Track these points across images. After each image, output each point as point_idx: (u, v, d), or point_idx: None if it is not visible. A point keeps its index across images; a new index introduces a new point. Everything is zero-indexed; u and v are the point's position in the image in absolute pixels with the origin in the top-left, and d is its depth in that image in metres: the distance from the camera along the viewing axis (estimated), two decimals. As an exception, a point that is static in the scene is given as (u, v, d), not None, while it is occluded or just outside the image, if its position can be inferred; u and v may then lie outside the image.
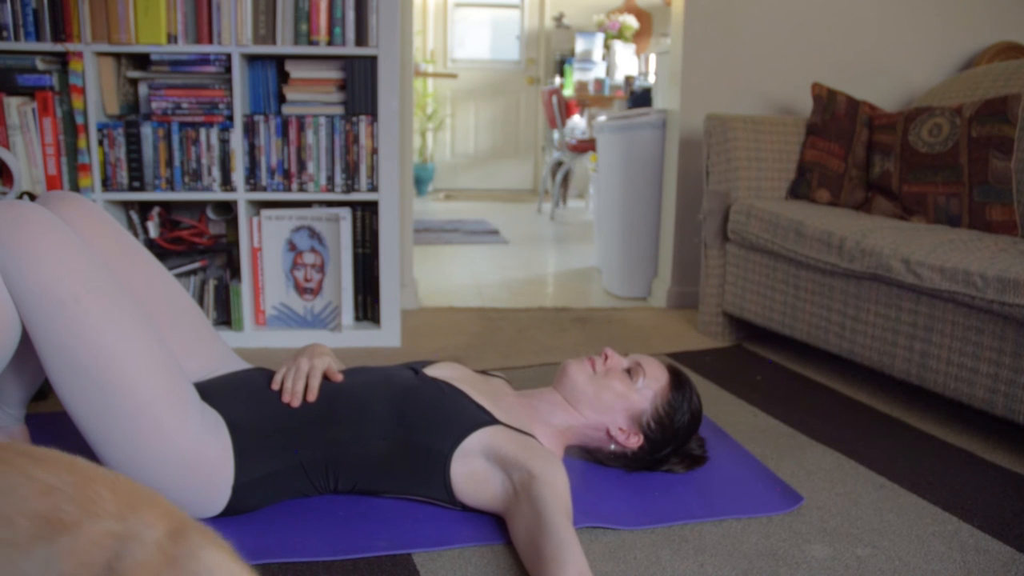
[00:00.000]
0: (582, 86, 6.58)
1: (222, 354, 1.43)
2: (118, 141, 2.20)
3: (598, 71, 6.75)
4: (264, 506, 1.29)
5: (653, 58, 6.17)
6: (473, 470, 1.26)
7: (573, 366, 1.46)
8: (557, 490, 1.17)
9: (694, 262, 2.91)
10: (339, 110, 2.28)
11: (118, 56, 2.24)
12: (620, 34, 6.94)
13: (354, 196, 2.28)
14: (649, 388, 1.43)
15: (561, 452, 1.45)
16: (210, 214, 2.38)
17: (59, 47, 2.12)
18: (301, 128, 2.24)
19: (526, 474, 1.20)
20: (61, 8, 2.10)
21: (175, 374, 1.18)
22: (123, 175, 2.21)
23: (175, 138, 2.20)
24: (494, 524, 1.27)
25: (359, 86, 2.24)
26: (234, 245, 2.38)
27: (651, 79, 5.96)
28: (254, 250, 2.31)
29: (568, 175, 6.13)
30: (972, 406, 1.69)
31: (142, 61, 2.27)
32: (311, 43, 2.20)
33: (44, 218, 1.13)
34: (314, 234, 2.34)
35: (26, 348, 1.24)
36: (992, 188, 2.06)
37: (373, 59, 2.23)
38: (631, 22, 6.97)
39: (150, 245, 2.30)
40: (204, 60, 2.20)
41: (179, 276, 2.31)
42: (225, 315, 2.35)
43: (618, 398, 1.41)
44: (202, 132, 2.21)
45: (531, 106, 7.54)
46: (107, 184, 2.21)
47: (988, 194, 2.06)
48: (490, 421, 1.30)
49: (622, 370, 1.45)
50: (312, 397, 1.29)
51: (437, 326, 2.63)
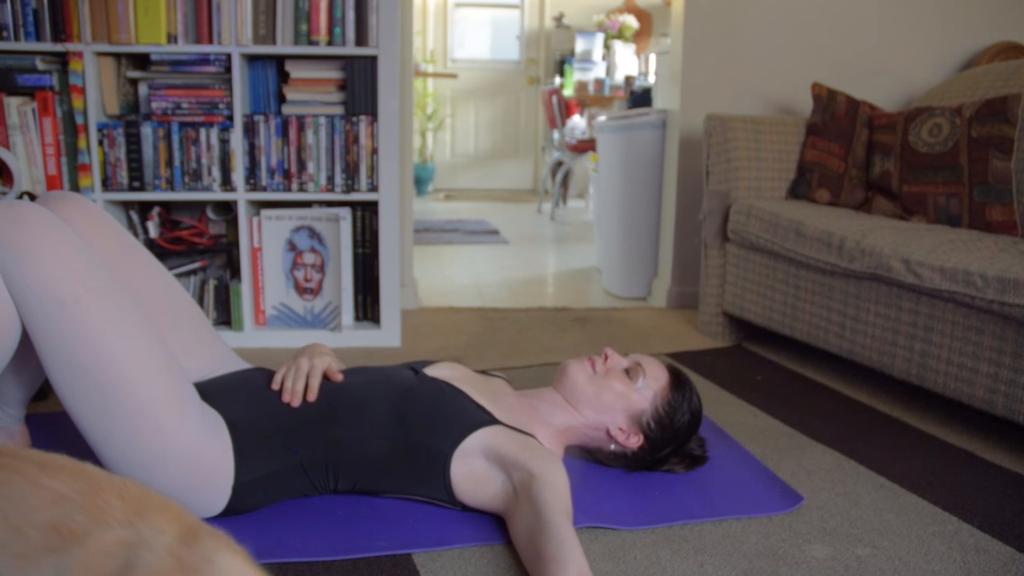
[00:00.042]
0: (582, 86, 6.58)
1: (222, 354, 1.43)
2: (118, 141, 2.20)
3: (598, 71, 6.75)
4: (264, 506, 1.29)
5: (653, 58, 6.17)
6: (473, 470, 1.26)
7: (573, 366, 1.46)
8: (557, 490, 1.17)
9: (694, 262, 2.91)
10: (339, 110, 2.28)
11: (118, 56, 2.24)
12: (620, 34, 6.94)
13: (354, 196, 2.28)
14: (649, 388, 1.43)
15: (561, 452, 1.45)
16: (210, 214, 2.38)
17: (59, 47, 2.12)
18: (301, 128, 2.24)
19: (526, 474, 1.20)
20: (61, 8, 2.10)
21: (175, 374, 1.18)
22: (123, 175, 2.21)
23: (175, 138, 2.20)
24: (494, 524, 1.27)
25: (359, 86, 2.24)
26: (234, 245, 2.38)
27: (651, 79, 5.95)
28: (254, 250, 2.31)
29: (568, 175, 6.13)
30: (972, 406, 1.69)
31: (142, 61, 2.27)
32: (311, 43, 2.20)
33: (44, 218, 1.13)
34: (314, 234, 2.34)
35: (26, 348, 1.24)
36: (992, 188, 2.06)
37: (373, 59, 2.23)
38: (631, 22, 6.96)
39: (150, 245, 2.30)
40: (204, 60, 2.20)
41: (179, 276, 2.31)
42: (225, 315, 2.35)
43: (618, 398, 1.42)
44: (202, 132, 2.21)
45: (531, 106, 7.54)
46: (107, 184, 2.21)
47: (988, 194, 2.06)
48: (490, 421, 1.30)
49: (622, 370, 1.45)
50: (312, 397, 1.29)
51: (437, 326, 2.63)
